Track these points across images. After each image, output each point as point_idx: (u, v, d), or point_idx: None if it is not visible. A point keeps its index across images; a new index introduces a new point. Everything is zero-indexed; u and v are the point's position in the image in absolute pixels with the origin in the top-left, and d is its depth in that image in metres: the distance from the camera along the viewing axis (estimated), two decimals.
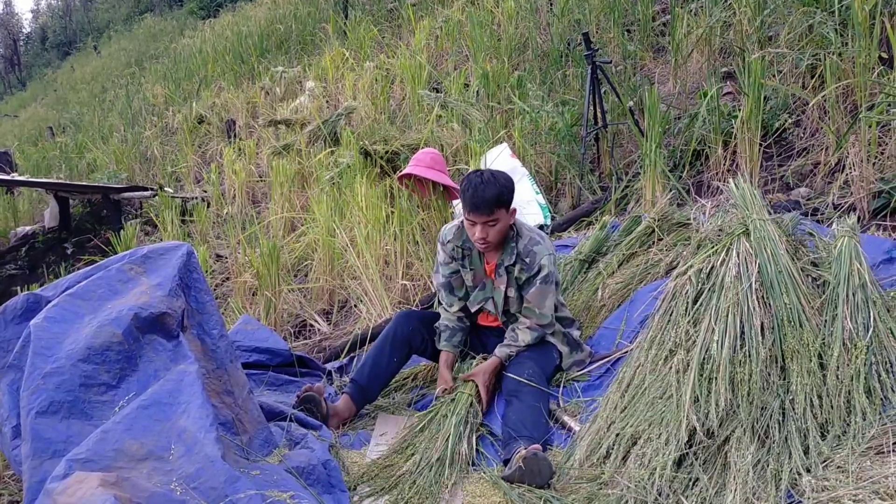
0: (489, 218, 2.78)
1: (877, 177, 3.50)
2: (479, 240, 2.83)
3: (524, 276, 2.90)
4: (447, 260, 3.07)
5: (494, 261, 2.97)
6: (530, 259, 2.89)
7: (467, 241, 3.00)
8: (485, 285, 3.03)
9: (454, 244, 3.03)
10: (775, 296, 2.48)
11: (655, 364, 2.56)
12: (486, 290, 3.03)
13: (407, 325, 3.08)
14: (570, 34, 6.51)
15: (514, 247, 2.92)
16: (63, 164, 11.73)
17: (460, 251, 3.03)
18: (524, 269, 2.90)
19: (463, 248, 3.02)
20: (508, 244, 2.93)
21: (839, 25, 4.17)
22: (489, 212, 2.77)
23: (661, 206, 3.75)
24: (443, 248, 3.07)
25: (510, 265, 2.92)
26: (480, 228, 2.81)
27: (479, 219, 2.79)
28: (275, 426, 2.59)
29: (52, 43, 32.71)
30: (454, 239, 3.02)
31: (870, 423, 2.15)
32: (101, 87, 17.91)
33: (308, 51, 10.87)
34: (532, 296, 2.90)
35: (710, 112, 4.29)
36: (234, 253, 5.25)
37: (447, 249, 3.05)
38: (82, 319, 2.28)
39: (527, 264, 2.89)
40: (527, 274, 2.90)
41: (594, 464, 2.39)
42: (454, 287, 3.09)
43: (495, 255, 2.97)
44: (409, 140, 5.39)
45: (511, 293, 2.96)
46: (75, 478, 1.72)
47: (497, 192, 2.77)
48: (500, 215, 2.80)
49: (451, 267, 3.07)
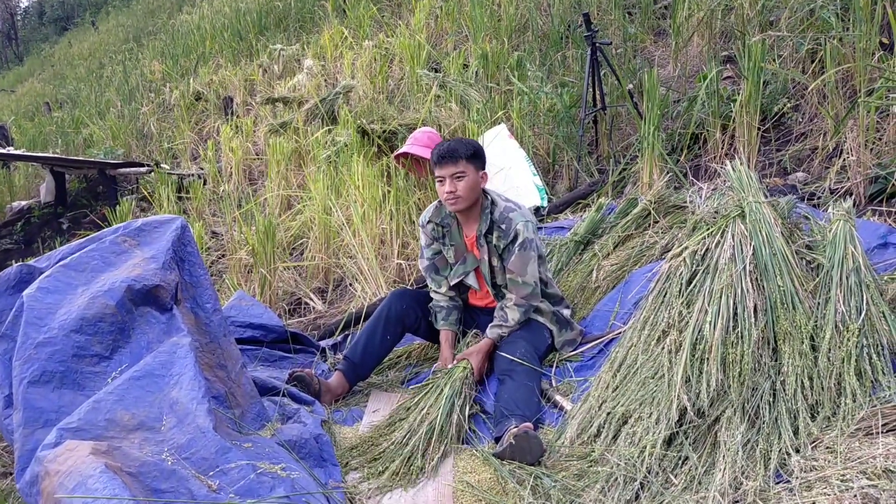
0: (455, 170, 2.83)
1: (874, 162, 3.49)
2: (448, 194, 2.87)
3: (502, 243, 2.92)
4: (428, 242, 3.11)
5: (474, 233, 3.00)
6: (506, 225, 2.90)
7: (444, 217, 3.05)
8: (465, 259, 3.05)
9: (434, 223, 3.07)
10: (769, 278, 2.49)
11: (648, 344, 2.56)
12: (467, 264, 3.05)
13: (400, 304, 3.09)
14: (570, 16, 6.48)
15: (488, 214, 2.94)
16: (59, 140, 11.67)
17: (440, 229, 3.07)
18: (501, 237, 2.92)
19: (442, 224, 3.06)
20: (483, 212, 2.95)
21: (840, 10, 4.16)
22: (454, 161, 2.82)
23: (658, 188, 3.75)
24: (423, 231, 3.12)
25: (487, 233, 2.95)
26: (449, 182, 2.85)
27: (446, 171, 2.84)
28: (267, 401, 2.59)
29: (50, 18, 32.41)
30: (433, 217, 3.07)
31: (859, 405, 2.15)
32: (99, 63, 17.77)
33: (307, 29, 10.80)
34: (513, 264, 2.91)
35: (710, 96, 4.28)
36: (230, 230, 5.25)
37: (427, 231, 3.09)
38: (75, 290, 2.28)
39: (503, 231, 2.91)
40: (504, 241, 2.91)
41: (585, 442, 2.41)
42: (439, 268, 3.12)
43: (473, 227, 3.00)
44: (406, 119, 5.38)
45: (495, 263, 2.98)
46: (66, 446, 1.73)
47: (465, 146, 2.87)
48: (467, 168, 2.85)
49: (433, 248, 3.11)
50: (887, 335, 2.33)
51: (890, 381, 2.21)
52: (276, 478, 1.89)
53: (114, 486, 1.57)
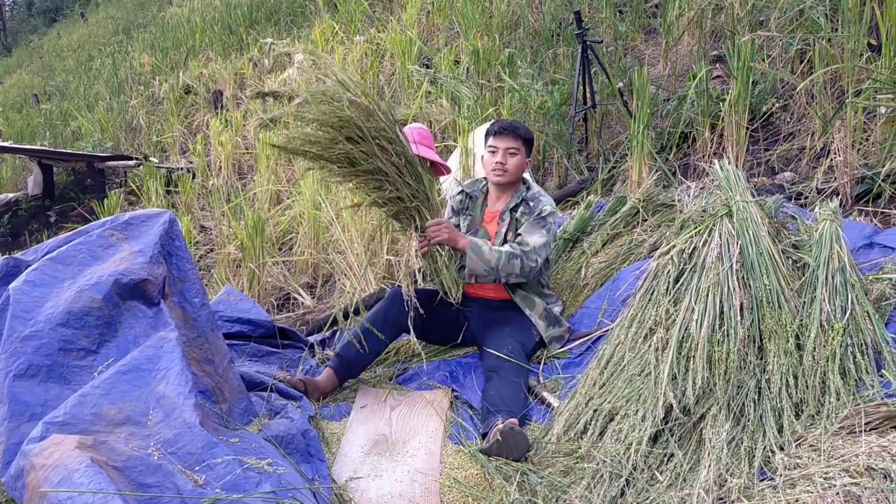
0: (512, 145, 3.01)
1: (861, 163, 3.52)
2: (497, 164, 3.02)
3: (525, 218, 3.02)
4: (450, 214, 3.23)
5: (499, 208, 3.10)
6: (534, 203, 3.03)
7: (476, 190, 3.21)
8: (477, 232, 3.12)
9: (465, 191, 3.23)
10: (755, 277, 2.51)
11: (635, 342, 2.58)
12: (478, 237, 3.06)
13: (400, 305, 2.97)
14: (562, 13, 6.48)
15: (522, 192, 3.08)
16: (47, 132, 11.60)
17: (467, 200, 3.20)
18: (527, 212, 3.03)
19: (471, 195, 3.20)
20: (518, 191, 3.09)
21: (829, 11, 4.18)
22: (514, 138, 3.01)
23: (647, 187, 3.76)
24: (451, 200, 3.26)
25: (514, 207, 3.06)
26: (501, 154, 3.02)
27: (502, 143, 3.02)
28: (255, 396, 2.59)
29: (39, 9, 32.15)
30: (466, 186, 3.25)
31: (843, 404, 2.18)
32: (88, 55, 17.65)
33: (298, 23, 10.76)
34: (525, 228, 3.00)
35: (699, 95, 4.29)
36: (219, 225, 5.23)
37: (455, 200, 3.23)
38: (62, 284, 2.27)
39: (530, 207, 3.03)
40: (528, 216, 3.01)
41: (571, 438, 2.42)
42: None
43: (501, 203, 3.11)
44: (397, 115, 5.37)
45: (510, 237, 3.05)
46: (52, 440, 1.72)
47: (524, 128, 3.08)
48: (520, 148, 3.03)
49: (452, 221, 3.17)
50: (871, 334, 2.36)
51: (873, 380, 2.23)
52: (263, 473, 1.89)
53: (99, 481, 1.57)
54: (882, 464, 1.87)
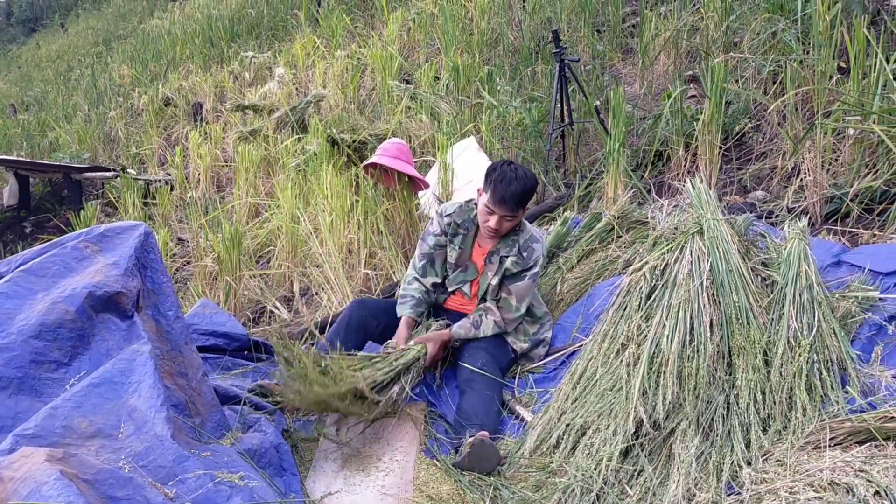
0: (509, 213, 2.86)
1: (830, 182, 3.59)
2: (491, 229, 2.90)
3: (516, 269, 2.95)
4: (439, 232, 3.10)
5: (488, 247, 3.02)
6: (528, 254, 2.96)
7: (466, 220, 3.06)
8: (466, 268, 3.08)
9: (453, 219, 3.08)
10: (725, 294, 2.55)
11: (607, 357, 2.61)
12: (468, 273, 3.07)
13: (361, 312, 3.08)
14: (541, 32, 6.57)
15: (515, 239, 2.98)
16: (24, 142, 11.50)
17: (455, 228, 3.08)
18: (518, 263, 2.95)
19: (460, 225, 3.07)
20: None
21: (801, 34, 4.27)
22: (514, 209, 2.84)
23: (622, 204, 3.81)
24: (439, 220, 3.11)
25: (505, 255, 2.97)
26: (497, 220, 2.88)
27: (501, 211, 2.85)
28: (229, 409, 2.58)
29: (18, 18, 31.88)
30: (455, 215, 3.08)
31: (809, 419, 2.22)
32: (67, 66, 17.54)
33: (279, 37, 10.79)
34: (517, 289, 2.96)
35: (674, 114, 4.36)
36: (196, 237, 5.21)
37: (444, 222, 3.09)
38: (35, 296, 2.25)
39: (523, 258, 2.96)
40: (520, 268, 2.95)
41: (544, 453, 2.44)
42: (435, 261, 3.11)
43: (491, 243, 3.02)
44: (377, 130, 5.41)
45: (494, 281, 3.00)
46: (21, 453, 1.71)
47: (525, 190, 2.85)
48: (519, 214, 2.90)
49: (440, 240, 3.10)
50: (837, 351, 2.41)
51: (838, 396, 2.28)
52: (234, 487, 1.89)
53: (68, 494, 1.56)
54: (845, 478, 1.91)
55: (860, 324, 2.59)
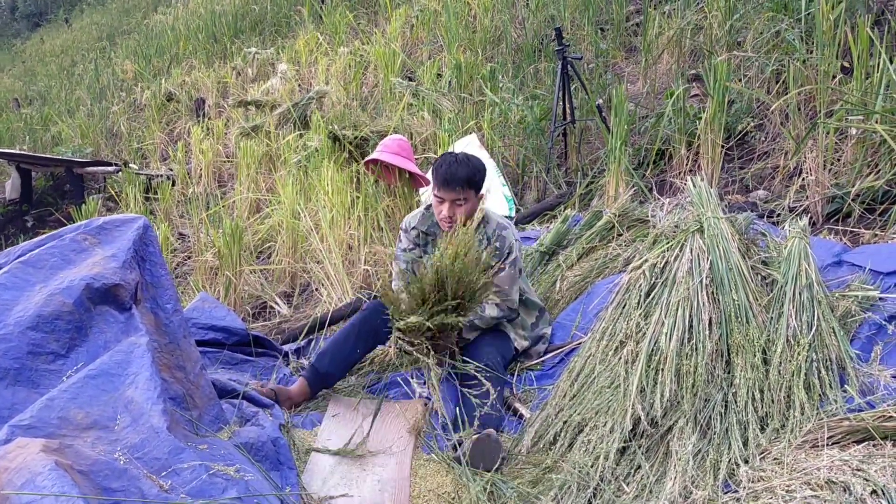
0: (458, 196, 2.85)
1: (832, 182, 3.58)
2: (445, 218, 2.89)
3: (493, 260, 2.92)
4: (409, 246, 3.09)
5: None
6: (500, 243, 2.94)
7: (431, 225, 3.05)
8: None
9: (419, 230, 3.07)
10: (724, 292, 2.54)
11: (606, 354, 2.60)
12: None
13: (376, 318, 2.94)
14: (544, 30, 6.56)
15: (483, 231, 2.96)
16: (27, 136, 11.50)
17: (424, 237, 3.07)
18: (494, 255, 2.93)
19: (427, 233, 3.06)
20: (477, 229, 2.95)
21: (804, 33, 4.26)
22: (459, 189, 2.83)
23: (623, 202, 3.80)
24: (406, 235, 3.10)
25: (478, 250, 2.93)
26: (448, 206, 2.87)
27: (448, 195, 2.85)
28: (226, 403, 2.58)
29: (23, 13, 31.89)
30: (419, 225, 3.07)
31: (807, 418, 2.21)
32: (71, 61, 17.54)
33: (282, 33, 10.78)
34: (501, 280, 2.94)
35: (676, 112, 4.35)
36: (197, 232, 5.21)
37: (410, 236, 3.08)
38: (33, 287, 2.25)
39: (497, 248, 2.94)
40: (497, 258, 2.93)
41: (541, 449, 2.44)
42: (416, 273, 3.06)
43: None
44: (378, 126, 5.40)
45: None
46: (17, 443, 1.71)
47: (469, 172, 2.84)
48: (468, 195, 2.87)
49: (414, 253, 3.09)
50: (836, 350, 2.40)
51: (837, 396, 2.27)
52: (230, 479, 1.88)
53: (63, 484, 1.56)
54: (842, 477, 1.90)
55: (860, 323, 2.58)
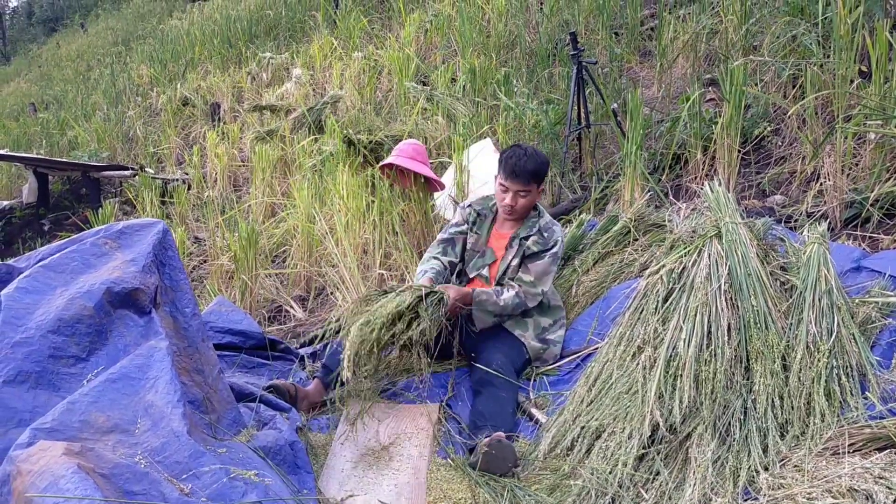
0: (523, 188, 3.00)
1: (850, 187, 3.56)
2: (507, 206, 3.04)
3: (537, 248, 3.04)
4: (460, 222, 3.24)
5: (509, 233, 3.13)
6: (548, 234, 3.07)
7: (485, 209, 3.22)
8: (484, 253, 3.16)
9: (473, 208, 3.23)
10: (743, 297, 2.53)
11: (623, 360, 2.59)
12: (486, 258, 3.15)
13: None
14: (558, 34, 6.55)
15: (535, 221, 3.11)
16: (44, 141, 11.61)
17: (475, 215, 3.22)
18: (539, 242, 3.05)
19: (479, 213, 3.22)
20: (530, 219, 3.12)
21: (821, 38, 4.24)
22: (525, 182, 2.99)
23: (639, 206, 3.79)
24: (461, 211, 3.27)
25: (525, 237, 3.07)
26: (511, 196, 3.02)
27: (514, 186, 3.00)
28: (244, 407, 2.59)
29: (39, 18, 32.25)
30: (475, 204, 3.25)
31: (828, 425, 2.19)
32: (87, 66, 17.70)
33: (297, 38, 10.83)
34: (537, 267, 3.03)
35: (692, 117, 4.33)
36: (213, 236, 5.24)
37: (465, 213, 3.24)
38: (54, 291, 2.27)
39: (544, 238, 3.06)
40: (540, 247, 3.04)
41: (558, 455, 2.43)
42: (455, 243, 3.21)
43: (511, 229, 3.14)
44: (393, 131, 5.41)
45: (515, 262, 3.07)
46: (39, 446, 1.72)
47: (536, 166, 3.01)
48: (531, 188, 3.02)
49: (462, 229, 3.22)
50: (857, 357, 2.38)
51: (858, 403, 2.25)
52: (249, 483, 1.89)
53: (85, 487, 1.57)
54: (864, 485, 1.88)
55: (880, 330, 2.55)
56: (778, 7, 4.86)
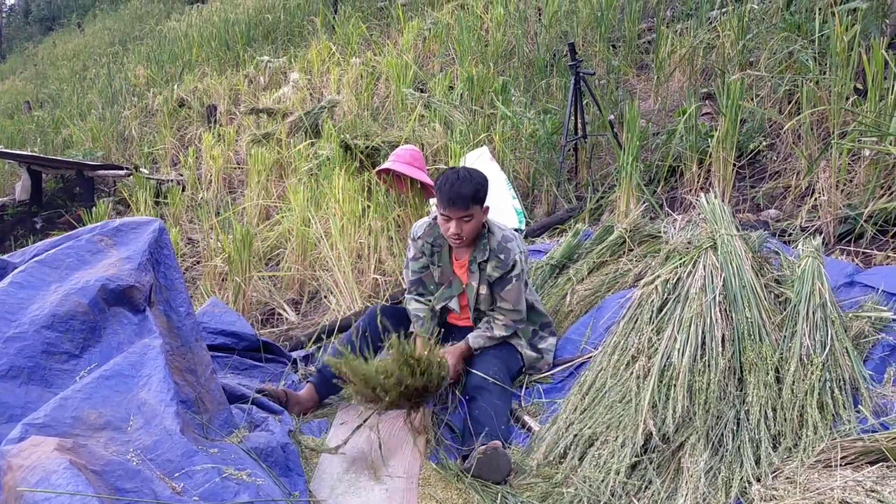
0: (464, 213, 2.81)
1: (844, 203, 3.58)
2: (453, 235, 2.85)
3: (497, 273, 2.91)
4: (417, 255, 3.09)
5: (466, 257, 2.99)
6: (504, 255, 2.91)
7: (438, 237, 3.03)
8: (451, 283, 3.05)
9: (424, 241, 3.06)
10: (738, 309, 2.54)
11: (617, 369, 2.60)
12: (452, 289, 3.05)
13: (382, 321, 3.00)
14: (556, 45, 6.58)
15: (486, 243, 2.94)
16: (38, 139, 11.56)
17: (430, 247, 3.06)
18: (498, 266, 2.91)
19: (433, 244, 3.05)
20: (481, 241, 2.95)
21: (818, 54, 4.27)
22: (465, 207, 2.79)
23: (634, 217, 3.80)
24: (413, 245, 3.10)
25: (483, 261, 2.94)
26: (455, 224, 2.83)
27: (454, 214, 2.81)
28: (236, 408, 2.58)
29: (36, 17, 32.16)
30: (424, 235, 3.06)
31: (820, 438, 2.20)
32: (83, 65, 17.65)
33: (295, 43, 10.84)
34: (507, 293, 2.93)
35: (688, 130, 4.36)
36: (207, 237, 5.23)
37: (417, 245, 3.08)
38: (49, 287, 2.26)
39: (501, 261, 2.91)
40: (501, 271, 2.91)
41: (551, 463, 2.43)
42: (425, 283, 3.11)
43: (466, 253, 2.99)
44: (390, 137, 5.42)
45: (483, 290, 2.97)
46: (31, 441, 1.71)
47: (473, 188, 2.80)
48: (474, 211, 2.83)
49: (422, 262, 3.09)
50: (850, 371, 2.39)
51: (850, 416, 2.26)
52: (241, 483, 1.88)
53: (77, 483, 1.56)
54: (856, 498, 1.89)
55: (873, 344, 2.57)
56: (775, 23, 4.91)
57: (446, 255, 3.04)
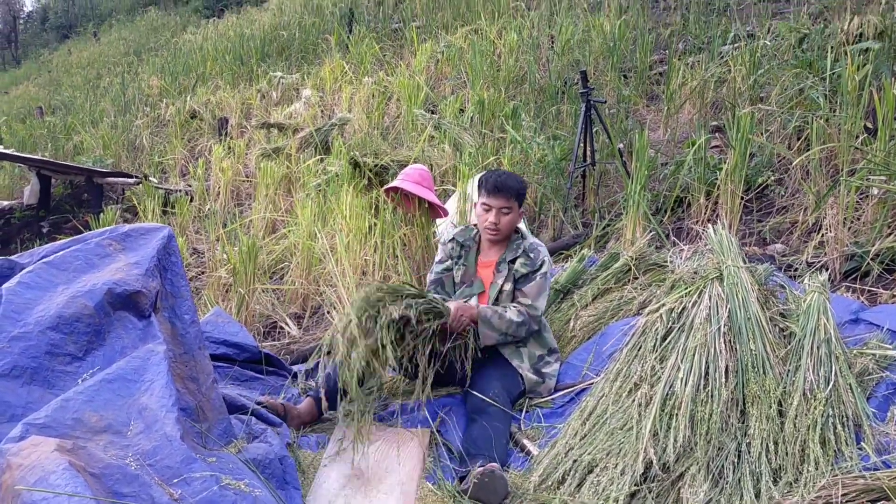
0: (505, 204, 3.02)
1: (851, 240, 3.58)
2: (490, 224, 3.04)
3: (525, 269, 3.05)
4: (444, 258, 3.24)
5: (493, 258, 3.13)
6: (534, 255, 3.07)
7: (468, 240, 3.22)
8: (472, 283, 3.15)
9: (457, 241, 3.23)
10: (742, 341, 2.53)
11: (619, 396, 2.59)
12: (473, 288, 3.14)
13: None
14: (567, 72, 6.64)
15: (519, 243, 3.12)
16: (49, 144, 11.63)
17: (458, 248, 3.21)
18: (527, 264, 3.06)
19: (463, 245, 3.21)
20: (513, 242, 3.13)
21: (829, 92, 4.30)
22: (507, 198, 3.02)
23: (640, 246, 3.81)
24: (443, 248, 3.26)
25: (512, 260, 3.08)
26: (494, 214, 3.03)
27: (496, 203, 3.02)
28: (235, 418, 2.57)
29: (53, 24, 32.52)
30: (459, 235, 3.25)
31: (821, 473, 2.18)
32: (97, 73, 17.81)
33: (308, 60, 10.93)
34: (530, 289, 3.03)
35: (697, 162, 4.38)
36: (213, 248, 5.24)
37: (447, 248, 3.24)
38: (56, 289, 2.27)
39: (531, 259, 3.07)
40: (529, 268, 3.05)
41: (549, 488, 2.41)
42: (444, 283, 3.22)
43: (495, 254, 3.15)
44: (399, 156, 5.44)
45: (507, 287, 3.07)
46: (31, 441, 1.71)
47: (517, 184, 3.07)
48: (513, 206, 3.04)
49: (446, 265, 3.22)
50: (853, 407, 2.38)
51: (852, 452, 2.25)
52: (239, 493, 1.87)
53: (76, 484, 1.55)
54: None
55: (877, 382, 2.56)
56: (787, 60, 4.95)
57: (473, 255, 3.19)
